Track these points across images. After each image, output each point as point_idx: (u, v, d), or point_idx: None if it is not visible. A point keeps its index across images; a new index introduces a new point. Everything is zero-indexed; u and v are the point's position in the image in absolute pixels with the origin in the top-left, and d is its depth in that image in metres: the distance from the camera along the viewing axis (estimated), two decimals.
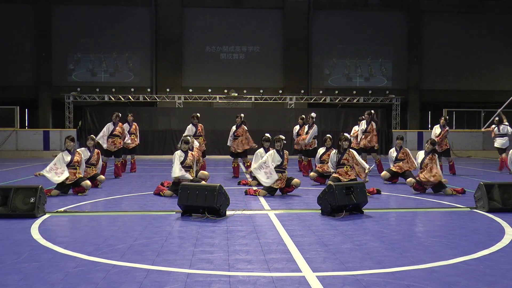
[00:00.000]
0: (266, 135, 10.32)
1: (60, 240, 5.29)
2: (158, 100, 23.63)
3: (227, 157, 16.72)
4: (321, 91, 24.44)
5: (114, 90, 23.20)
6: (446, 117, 13.46)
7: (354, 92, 24.26)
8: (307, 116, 12.83)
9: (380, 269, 4.25)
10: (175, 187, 8.37)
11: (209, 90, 23.79)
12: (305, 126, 12.80)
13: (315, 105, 23.45)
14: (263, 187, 9.07)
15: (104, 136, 12.19)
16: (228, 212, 6.87)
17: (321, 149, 10.93)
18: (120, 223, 6.27)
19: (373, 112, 13.09)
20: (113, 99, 22.73)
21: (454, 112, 24.49)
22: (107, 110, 19.32)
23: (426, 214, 7.11)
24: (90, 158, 10.00)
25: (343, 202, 6.70)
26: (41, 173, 8.80)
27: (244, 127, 12.13)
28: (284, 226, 6.07)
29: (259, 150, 9.88)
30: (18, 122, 21.54)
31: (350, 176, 9.01)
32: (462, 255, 4.70)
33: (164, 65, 24.37)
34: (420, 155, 9.42)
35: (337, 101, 23.22)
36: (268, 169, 8.90)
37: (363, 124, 12.87)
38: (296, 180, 9.05)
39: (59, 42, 24.16)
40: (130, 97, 22.67)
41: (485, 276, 4.06)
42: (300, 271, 4.20)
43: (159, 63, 24.45)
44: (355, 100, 23.20)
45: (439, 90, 25.65)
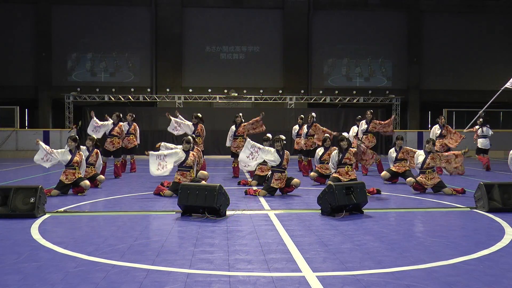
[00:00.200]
0: (267, 135, 10.33)
1: (60, 240, 5.29)
2: (158, 100, 23.62)
3: (227, 157, 16.75)
4: (321, 91, 24.42)
5: (114, 90, 23.19)
6: (444, 117, 13.57)
7: (354, 92, 24.25)
8: (307, 116, 12.82)
9: (380, 269, 4.25)
10: (175, 187, 8.38)
11: (209, 90, 23.78)
12: (305, 126, 12.79)
13: (315, 105, 23.45)
14: (263, 187, 9.08)
15: (98, 127, 12.19)
16: (228, 212, 6.87)
17: (320, 150, 10.92)
18: (120, 223, 6.26)
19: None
20: (113, 99, 22.71)
21: (454, 112, 24.45)
22: (107, 110, 19.27)
23: (426, 214, 7.10)
24: (88, 158, 10.01)
25: (343, 202, 6.70)
26: (40, 143, 9.20)
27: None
28: (284, 226, 6.07)
29: None
30: (18, 122, 21.56)
31: (351, 176, 9.00)
32: (462, 255, 4.70)
33: (164, 65, 24.36)
34: (420, 156, 9.41)
35: (337, 101, 23.21)
36: (256, 155, 8.87)
37: (363, 124, 12.87)
38: (296, 180, 9.05)
39: (59, 42, 24.14)
40: (130, 97, 22.66)
41: (485, 276, 4.06)
42: (300, 271, 4.20)
43: (159, 63, 24.44)
44: (355, 100, 23.20)
45: (439, 90, 25.63)
